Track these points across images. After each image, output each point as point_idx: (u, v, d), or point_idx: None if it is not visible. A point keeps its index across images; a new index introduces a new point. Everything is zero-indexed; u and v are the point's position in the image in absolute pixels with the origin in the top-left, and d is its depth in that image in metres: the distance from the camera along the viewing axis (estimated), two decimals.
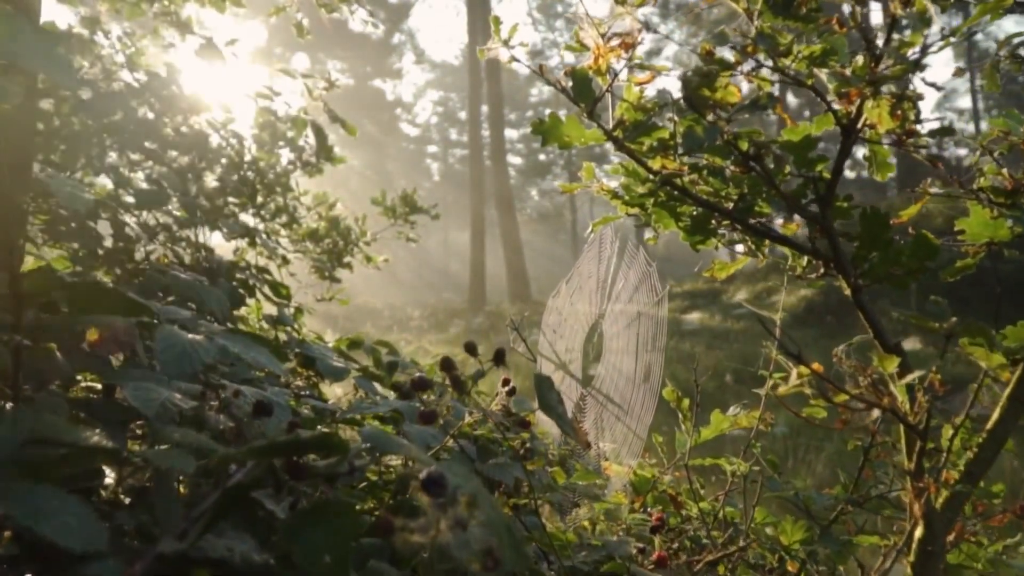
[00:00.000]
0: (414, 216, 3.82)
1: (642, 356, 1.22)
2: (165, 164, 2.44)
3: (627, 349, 1.28)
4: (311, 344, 1.67)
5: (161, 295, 1.35)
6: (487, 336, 14.27)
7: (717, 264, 1.04)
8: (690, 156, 0.76)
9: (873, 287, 0.86)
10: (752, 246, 0.84)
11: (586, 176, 1.01)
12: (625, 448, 1.25)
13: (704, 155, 0.81)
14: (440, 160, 48.39)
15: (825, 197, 0.70)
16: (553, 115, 0.83)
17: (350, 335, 7.34)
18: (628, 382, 1.27)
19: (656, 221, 0.88)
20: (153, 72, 2.29)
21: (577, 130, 0.83)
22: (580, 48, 1.20)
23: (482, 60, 0.94)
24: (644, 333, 1.23)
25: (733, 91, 0.68)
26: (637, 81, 0.89)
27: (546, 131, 0.84)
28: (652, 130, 0.76)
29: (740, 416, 1.18)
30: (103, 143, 2.13)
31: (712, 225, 0.85)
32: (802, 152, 0.70)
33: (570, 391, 1.47)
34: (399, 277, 33.22)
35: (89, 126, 2.10)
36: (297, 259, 3.35)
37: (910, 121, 0.67)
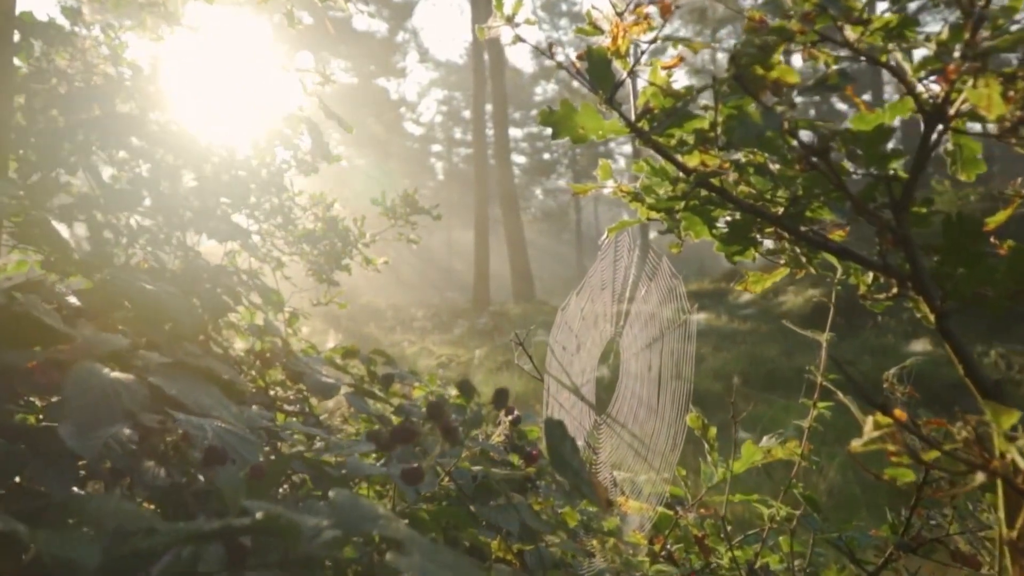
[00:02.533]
0: (415, 217, 3.69)
1: (667, 384, 1.09)
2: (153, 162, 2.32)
3: (648, 375, 1.14)
4: (299, 358, 1.54)
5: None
6: (491, 337, 14.13)
7: (752, 277, 0.90)
8: (734, 151, 0.63)
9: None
10: (802, 258, 0.71)
11: (602, 175, 0.87)
12: (647, 487, 1.12)
13: (750, 150, 0.67)
14: (444, 159, 48.30)
15: (901, 201, 0.57)
16: (565, 103, 0.69)
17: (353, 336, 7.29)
18: (650, 413, 1.13)
19: (686, 228, 0.74)
20: (137, 66, 2.17)
21: (594, 121, 0.70)
22: (594, 31, 1.06)
23: (483, 39, 0.81)
24: (668, 357, 1.09)
25: (791, 70, 0.54)
26: (664, 65, 0.76)
27: (557, 122, 0.71)
28: (686, 119, 0.63)
29: (775, 448, 1.05)
30: (79, 140, 2.00)
31: (754, 233, 0.71)
32: (874, 145, 0.56)
33: (582, 417, 1.33)
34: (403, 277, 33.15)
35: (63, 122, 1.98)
36: (293, 262, 3.23)
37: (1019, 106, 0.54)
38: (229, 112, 2.68)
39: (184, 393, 0.56)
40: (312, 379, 1.40)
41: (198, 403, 0.55)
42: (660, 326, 1.14)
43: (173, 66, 2.52)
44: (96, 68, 2.11)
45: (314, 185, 3.24)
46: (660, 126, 0.63)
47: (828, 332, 1.24)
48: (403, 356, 12.55)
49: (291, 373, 1.53)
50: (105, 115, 1.94)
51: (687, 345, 1.07)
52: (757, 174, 0.63)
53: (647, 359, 1.17)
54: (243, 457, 0.72)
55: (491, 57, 23.14)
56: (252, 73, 2.92)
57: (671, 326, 1.11)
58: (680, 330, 1.08)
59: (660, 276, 1.18)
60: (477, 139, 23.61)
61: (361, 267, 3.53)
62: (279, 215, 3.02)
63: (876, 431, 0.51)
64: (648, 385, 1.14)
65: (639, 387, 1.20)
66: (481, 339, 14.07)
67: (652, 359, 1.14)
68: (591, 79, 0.69)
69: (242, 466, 0.73)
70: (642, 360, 1.19)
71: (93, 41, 2.32)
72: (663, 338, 1.12)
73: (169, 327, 1.25)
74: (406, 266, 34.17)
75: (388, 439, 0.58)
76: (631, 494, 1.12)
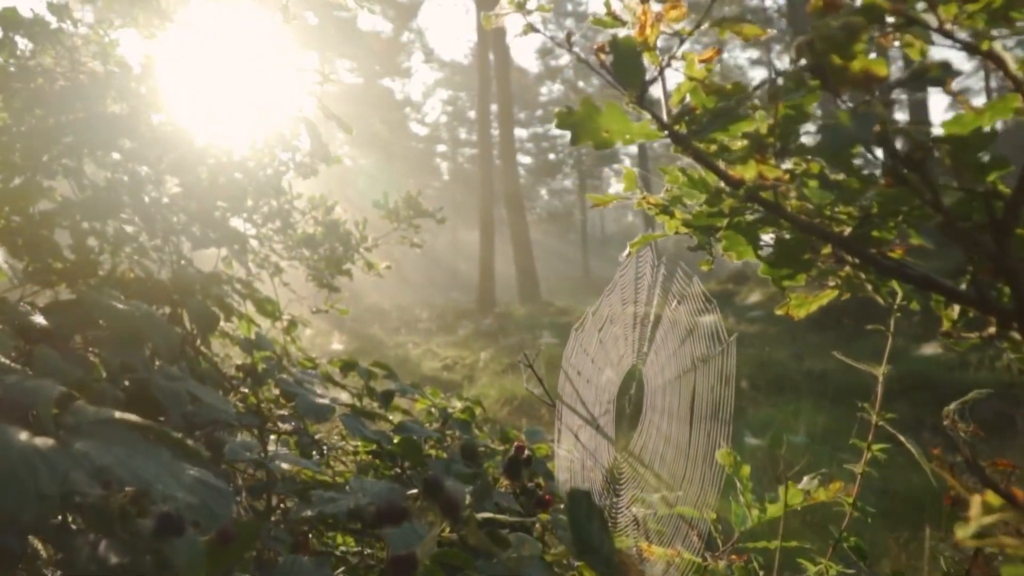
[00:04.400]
0: (419, 219, 3.60)
1: (700, 424, 0.97)
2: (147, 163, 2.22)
3: (677, 412, 1.03)
4: (290, 378, 1.44)
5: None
6: (496, 339, 14.02)
7: (794, 300, 0.80)
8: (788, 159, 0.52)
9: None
10: (867, 285, 0.60)
11: (626, 185, 0.77)
12: (675, 537, 1.01)
13: (801, 158, 0.57)
14: (449, 159, 48.23)
15: (1003, 221, 0.46)
16: (587, 101, 0.59)
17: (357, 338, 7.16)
18: (679, 454, 1.01)
19: (726, 248, 0.64)
20: (126, 64, 2.07)
21: (620, 123, 0.59)
22: (613, 22, 0.96)
23: (489, 28, 0.71)
24: (702, 393, 0.98)
25: (880, 60, 0.44)
26: (702, 57, 0.65)
27: (576, 125, 0.60)
28: (735, 120, 0.52)
29: (817, 490, 0.94)
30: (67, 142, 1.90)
31: (808, 256, 0.61)
32: (971, 153, 0.46)
33: (599, 451, 1.22)
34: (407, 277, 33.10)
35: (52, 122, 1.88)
36: (293, 267, 3.13)
37: None
38: (226, 113, 2.58)
39: (122, 461, 0.45)
40: (305, 401, 1.30)
41: (137, 474, 0.45)
42: (692, 357, 1.03)
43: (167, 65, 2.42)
44: (84, 66, 2.02)
45: (317, 186, 3.14)
46: (706, 129, 0.53)
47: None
48: (407, 358, 12.46)
49: (284, 392, 1.43)
50: (92, 116, 1.84)
51: (725, 380, 0.96)
52: (823, 187, 0.52)
53: (676, 393, 1.05)
54: (212, 512, 0.62)
55: (496, 57, 23.03)
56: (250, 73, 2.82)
57: (705, 358, 1.00)
58: (716, 362, 0.97)
59: (691, 298, 1.07)
60: (482, 139, 23.50)
61: (363, 272, 3.43)
62: (277, 219, 2.92)
63: (987, 515, 0.40)
64: (678, 424, 1.03)
65: (666, 424, 1.08)
66: (486, 341, 13.96)
67: (683, 393, 1.02)
68: (617, 74, 0.59)
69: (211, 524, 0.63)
70: (670, 394, 1.07)
71: (82, 39, 2.23)
72: (696, 371, 1.01)
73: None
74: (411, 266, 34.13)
75: (374, 517, 0.48)
76: (656, 539, 1.02)
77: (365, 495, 0.74)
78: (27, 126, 1.89)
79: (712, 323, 1.03)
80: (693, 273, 1.17)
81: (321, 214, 3.08)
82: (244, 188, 2.62)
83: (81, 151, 1.90)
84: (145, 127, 1.98)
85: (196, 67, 2.54)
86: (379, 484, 0.78)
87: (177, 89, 2.31)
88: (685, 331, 1.07)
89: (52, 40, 2.03)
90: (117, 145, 2.10)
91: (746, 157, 0.51)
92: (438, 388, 7.95)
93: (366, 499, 0.72)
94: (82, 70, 1.97)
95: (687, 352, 1.05)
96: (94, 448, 0.45)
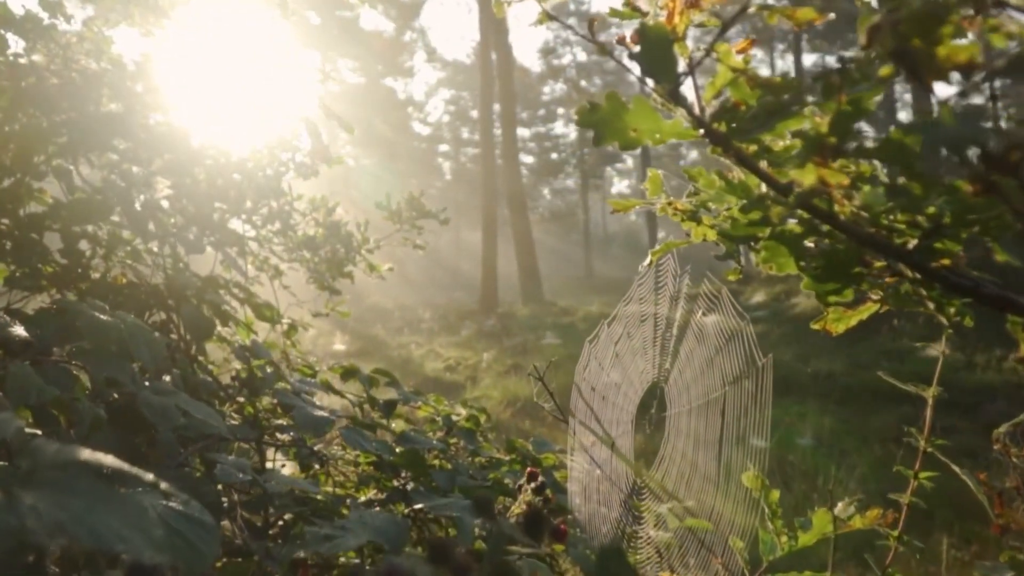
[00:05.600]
0: (422, 221, 3.54)
1: (730, 450, 0.90)
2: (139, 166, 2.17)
3: (705, 436, 0.96)
4: (291, 386, 1.38)
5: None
6: (499, 339, 13.95)
7: (832, 314, 0.73)
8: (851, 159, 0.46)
9: None
10: (929, 303, 0.54)
11: (651, 190, 0.70)
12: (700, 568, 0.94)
13: (851, 160, 0.50)
14: (452, 159, 48.18)
15: None
16: (613, 97, 0.52)
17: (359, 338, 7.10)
18: (707, 483, 0.94)
19: (766, 259, 0.57)
20: (120, 62, 2.00)
21: (650, 120, 0.53)
22: (631, 13, 0.89)
23: (499, 16, 0.64)
24: (733, 418, 0.91)
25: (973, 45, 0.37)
26: (739, 47, 0.59)
27: (601, 123, 0.53)
28: (786, 118, 0.46)
29: (853, 517, 0.87)
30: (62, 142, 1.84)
31: (859, 269, 0.54)
32: None
33: (617, 476, 1.15)
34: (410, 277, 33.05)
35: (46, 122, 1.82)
36: (293, 269, 3.07)
37: None
38: (225, 112, 2.52)
39: (78, 517, 0.39)
40: (303, 414, 1.24)
41: (95, 531, 0.39)
42: (722, 377, 0.96)
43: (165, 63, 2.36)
44: (76, 64, 1.96)
45: (319, 187, 3.08)
46: (754, 128, 0.46)
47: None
48: (410, 359, 12.40)
49: (281, 404, 1.37)
50: (84, 116, 1.78)
51: (760, 405, 0.89)
52: (890, 194, 0.45)
53: (703, 416, 0.98)
54: (195, 550, 0.55)
55: (499, 56, 22.96)
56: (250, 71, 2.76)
57: (737, 379, 0.93)
58: (749, 385, 0.90)
59: (720, 312, 1.00)
60: (485, 139, 23.43)
61: (365, 274, 3.37)
62: (277, 220, 2.86)
63: None
64: (705, 449, 0.96)
65: (692, 450, 1.01)
66: (489, 341, 13.90)
67: (711, 418, 0.95)
68: (647, 66, 0.52)
69: (195, 566, 0.56)
70: (697, 417, 1.00)
71: (77, 36, 2.17)
72: (725, 393, 0.94)
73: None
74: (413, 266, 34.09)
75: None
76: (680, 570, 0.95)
77: (365, 530, 0.67)
78: (20, 125, 1.83)
79: (744, 340, 0.96)
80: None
81: (322, 215, 3.02)
82: (243, 189, 2.56)
83: (76, 152, 1.83)
84: (139, 127, 1.91)
85: (194, 65, 2.48)
86: (380, 517, 0.71)
87: (175, 88, 2.25)
88: (713, 348, 1.00)
89: (45, 37, 1.97)
90: (111, 146, 2.04)
91: (803, 160, 0.44)
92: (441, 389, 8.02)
93: (365, 536, 0.66)
94: (75, 68, 1.91)
95: (716, 372, 0.98)
96: (48, 501, 0.38)
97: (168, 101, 2.19)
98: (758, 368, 0.91)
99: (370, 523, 0.70)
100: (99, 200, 1.38)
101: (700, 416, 0.99)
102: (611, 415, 1.18)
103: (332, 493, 1.81)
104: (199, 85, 2.44)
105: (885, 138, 0.45)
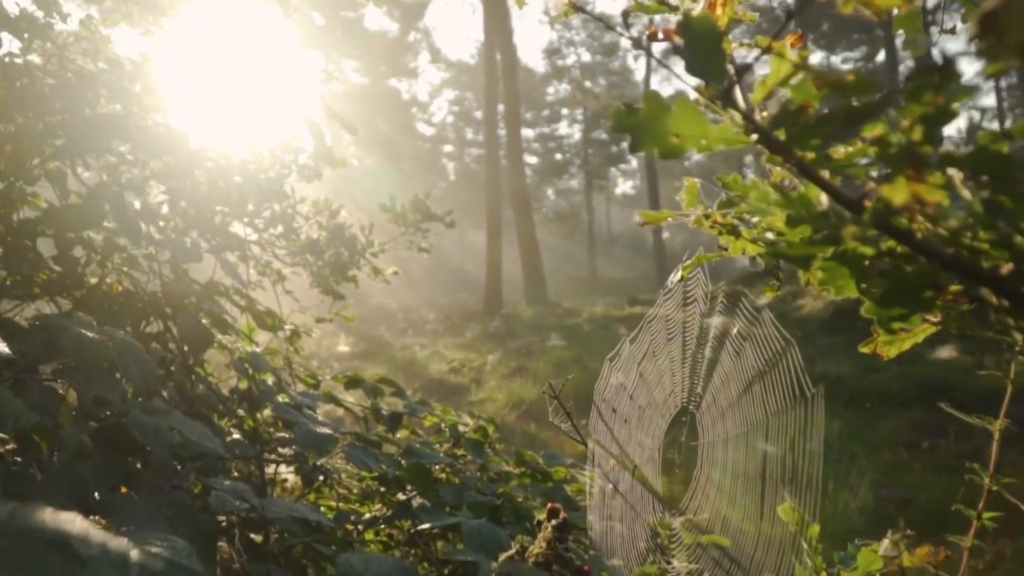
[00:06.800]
0: (427, 223, 3.48)
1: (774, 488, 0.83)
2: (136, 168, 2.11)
3: (745, 471, 0.88)
4: (287, 405, 1.32)
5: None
6: (503, 341, 13.88)
7: (883, 336, 0.67)
8: None
9: None
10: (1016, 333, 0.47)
11: (687, 202, 0.64)
12: None
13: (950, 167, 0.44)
14: (456, 160, 48.14)
15: None
16: (652, 97, 0.46)
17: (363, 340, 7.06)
18: (748, 520, 0.87)
19: (823, 281, 0.51)
20: (118, 62, 1.95)
21: (695, 124, 0.46)
22: (657, 7, 0.83)
23: (520, 7, 0.58)
24: (779, 451, 0.83)
25: None
26: (792, 40, 0.52)
27: (638, 127, 0.47)
28: (864, 123, 0.39)
29: (902, 554, 0.81)
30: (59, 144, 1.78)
31: (930, 294, 0.48)
32: None
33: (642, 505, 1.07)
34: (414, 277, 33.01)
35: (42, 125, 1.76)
36: (296, 274, 3.01)
37: None
38: (226, 113, 2.46)
39: None
40: (304, 431, 1.18)
41: None
42: (764, 406, 0.88)
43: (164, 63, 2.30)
44: (72, 64, 1.90)
45: (323, 187, 3.02)
46: (831, 135, 0.39)
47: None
48: (414, 361, 12.33)
49: (282, 420, 1.31)
50: (79, 117, 1.72)
51: (810, 438, 0.81)
52: (989, 211, 0.39)
53: (742, 447, 0.90)
54: None
55: (503, 57, 22.89)
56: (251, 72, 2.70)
57: (783, 409, 0.86)
58: (796, 415, 0.83)
59: (759, 333, 0.92)
60: (489, 139, 23.36)
61: (369, 278, 3.31)
62: (280, 223, 2.80)
63: None
64: (745, 485, 0.88)
65: (730, 484, 0.93)
66: (493, 343, 13.83)
67: (751, 449, 0.88)
68: (694, 62, 0.46)
69: None
70: (735, 449, 0.93)
71: (74, 36, 2.11)
72: (769, 423, 0.86)
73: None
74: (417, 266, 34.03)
75: None
76: None
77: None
78: (15, 127, 1.77)
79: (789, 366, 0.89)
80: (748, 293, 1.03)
81: (325, 218, 2.96)
82: (245, 192, 2.51)
83: (72, 155, 1.78)
84: (136, 128, 1.86)
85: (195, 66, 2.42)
86: (387, 562, 0.65)
87: (174, 88, 2.20)
88: (753, 373, 0.92)
89: (41, 36, 1.91)
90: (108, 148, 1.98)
91: (894, 172, 0.38)
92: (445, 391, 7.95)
93: None
94: (70, 67, 1.85)
95: (756, 399, 0.90)
96: None
97: (167, 102, 2.13)
98: (806, 399, 0.84)
99: (375, 570, 0.63)
100: (90, 205, 1.32)
101: (738, 446, 0.91)
102: (635, 437, 1.11)
103: (336, 507, 1.75)
104: (199, 86, 2.38)
105: (978, 146, 0.39)
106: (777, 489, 0.83)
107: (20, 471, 0.76)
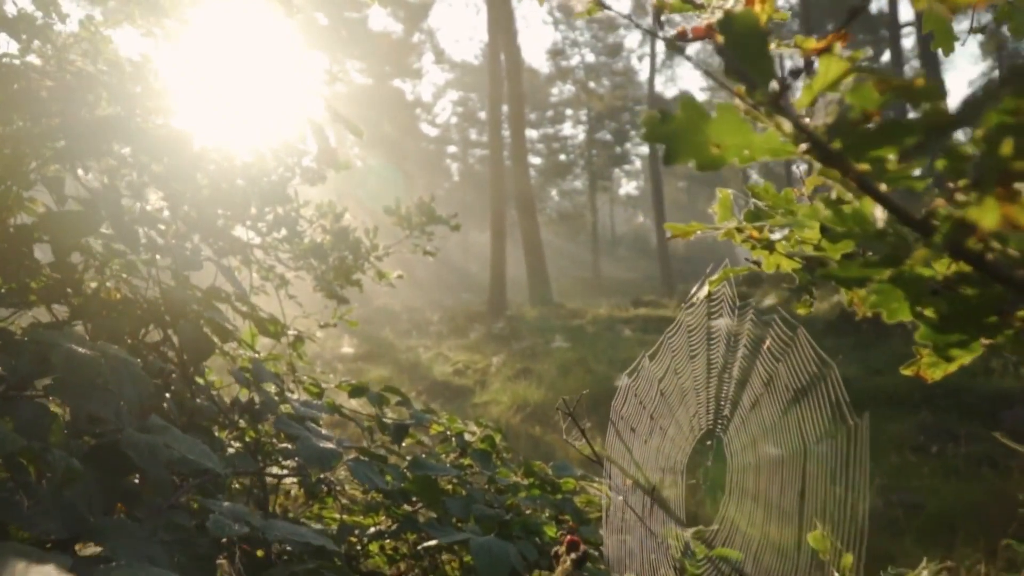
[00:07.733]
0: (431, 226, 3.43)
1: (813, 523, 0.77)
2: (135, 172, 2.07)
3: (779, 502, 0.83)
4: (290, 418, 1.27)
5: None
6: (507, 343, 13.82)
7: (927, 359, 0.63)
8: None
9: None
10: None
11: (720, 215, 0.59)
12: None
13: None
14: (460, 160, 48.11)
15: None
16: (689, 103, 0.41)
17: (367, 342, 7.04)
18: (781, 559, 0.81)
19: (875, 304, 0.46)
20: (118, 63, 1.91)
21: (738, 133, 0.42)
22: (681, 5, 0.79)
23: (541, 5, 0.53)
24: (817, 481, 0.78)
25: None
26: (837, 35, 0.48)
27: (674, 136, 0.43)
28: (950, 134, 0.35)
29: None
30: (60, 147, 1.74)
31: (995, 320, 0.43)
32: None
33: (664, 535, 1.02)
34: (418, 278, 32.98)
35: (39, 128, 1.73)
36: (299, 279, 2.97)
37: None
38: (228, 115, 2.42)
39: None
40: (307, 446, 1.13)
41: None
42: (801, 433, 0.83)
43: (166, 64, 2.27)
44: (71, 64, 1.86)
45: (327, 188, 2.98)
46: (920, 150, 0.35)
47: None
48: (418, 362, 12.29)
49: (285, 434, 1.27)
50: (78, 120, 1.68)
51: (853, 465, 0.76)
52: None
53: (776, 476, 0.85)
54: None
55: (507, 57, 22.85)
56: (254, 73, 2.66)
57: (820, 437, 0.81)
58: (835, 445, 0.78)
59: (795, 353, 0.87)
60: (493, 140, 23.29)
61: (374, 282, 3.27)
62: (283, 227, 2.76)
63: None
64: (779, 518, 0.83)
65: (762, 515, 0.88)
66: (498, 345, 13.78)
67: (787, 478, 0.82)
68: (738, 64, 0.41)
69: None
70: (768, 476, 0.87)
71: (73, 37, 2.07)
72: (807, 452, 0.81)
73: None
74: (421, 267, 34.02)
75: None
76: None
77: None
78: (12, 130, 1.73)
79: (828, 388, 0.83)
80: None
81: (329, 222, 2.92)
82: (247, 195, 2.47)
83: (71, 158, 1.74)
84: (137, 131, 1.82)
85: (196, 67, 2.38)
86: None
87: (176, 90, 2.16)
88: (788, 396, 0.87)
89: (40, 37, 1.87)
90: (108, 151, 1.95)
91: (982, 191, 0.33)
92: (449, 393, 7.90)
93: None
94: (69, 69, 1.81)
95: (792, 424, 0.85)
96: None
97: (169, 104, 2.09)
98: (848, 428, 0.78)
99: None
100: (88, 211, 1.28)
101: (772, 475, 0.85)
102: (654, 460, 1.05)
103: (339, 519, 1.70)
104: (202, 87, 2.34)
105: None
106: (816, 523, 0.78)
107: (6, 498, 0.72)
